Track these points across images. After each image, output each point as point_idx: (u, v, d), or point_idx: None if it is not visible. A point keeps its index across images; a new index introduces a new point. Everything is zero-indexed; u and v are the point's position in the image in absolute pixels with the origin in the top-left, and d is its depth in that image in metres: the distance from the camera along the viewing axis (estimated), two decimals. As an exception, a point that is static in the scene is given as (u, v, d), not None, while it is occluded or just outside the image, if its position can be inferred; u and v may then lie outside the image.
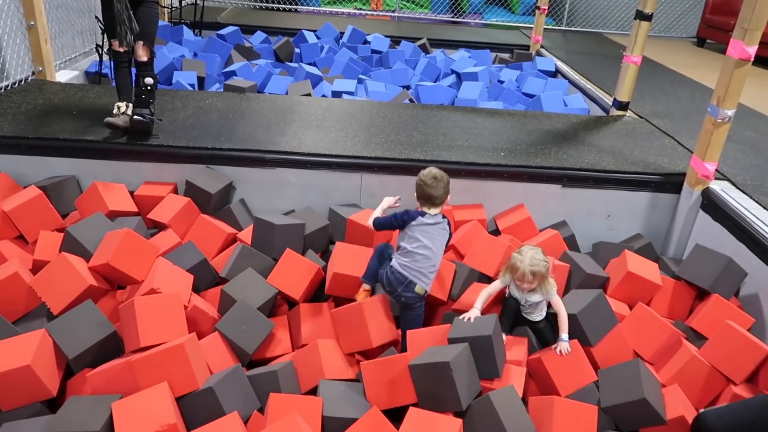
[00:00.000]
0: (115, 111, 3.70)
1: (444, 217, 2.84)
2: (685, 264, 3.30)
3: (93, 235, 3.07)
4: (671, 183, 3.78)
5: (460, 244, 3.45)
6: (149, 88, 3.65)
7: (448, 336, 2.60)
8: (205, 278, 3.15)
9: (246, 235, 3.42)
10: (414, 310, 2.82)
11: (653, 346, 2.88)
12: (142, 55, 3.57)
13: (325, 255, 3.44)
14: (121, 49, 3.57)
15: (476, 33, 8.95)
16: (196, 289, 3.07)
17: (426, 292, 2.79)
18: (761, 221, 3.18)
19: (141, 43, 3.55)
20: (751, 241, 3.14)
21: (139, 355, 2.38)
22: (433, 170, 2.82)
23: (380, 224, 2.85)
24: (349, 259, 3.09)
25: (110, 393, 2.36)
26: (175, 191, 3.70)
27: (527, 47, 8.06)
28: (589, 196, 3.84)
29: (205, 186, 3.56)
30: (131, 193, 3.58)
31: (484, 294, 2.79)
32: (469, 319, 2.67)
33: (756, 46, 3.12)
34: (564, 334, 2.74)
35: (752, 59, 3.15)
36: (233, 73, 5.81)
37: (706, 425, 2.12)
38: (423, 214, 2.79)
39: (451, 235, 2.89)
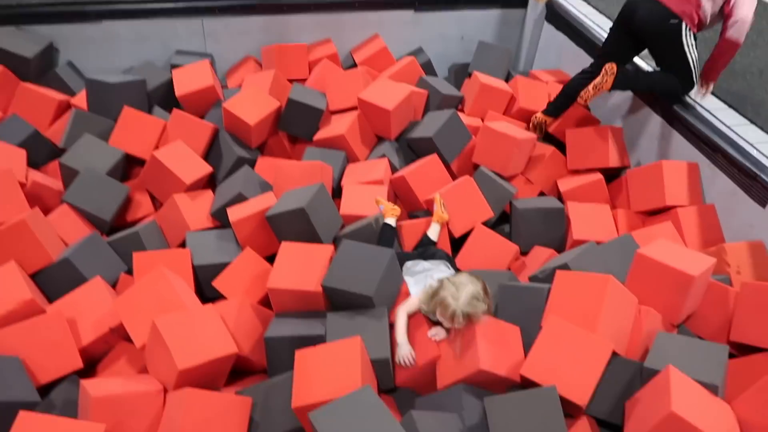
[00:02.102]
0: None
1: None
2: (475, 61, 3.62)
3: None
4: (518, -3, 3.82)
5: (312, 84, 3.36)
6: None
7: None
8: (41, 152, 2.86)
9: (81, 100, 3.09)
10: None
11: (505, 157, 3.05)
12: None
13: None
14: None
15: None
16: (34, 164, 2.81)
17: None
18: (597, 25, 3.33)
19: None
20: (588, 45, 3.31)
21: (-25, 241, 2.19)
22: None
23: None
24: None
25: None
26: (-17, 61, 3.21)
27: None
28: (442, 19, 3.81)
29: (19, 50, 3.11)
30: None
31: (401, 324, 2.01)
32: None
33: None
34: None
35: None
36: None
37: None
38: None
39: None
